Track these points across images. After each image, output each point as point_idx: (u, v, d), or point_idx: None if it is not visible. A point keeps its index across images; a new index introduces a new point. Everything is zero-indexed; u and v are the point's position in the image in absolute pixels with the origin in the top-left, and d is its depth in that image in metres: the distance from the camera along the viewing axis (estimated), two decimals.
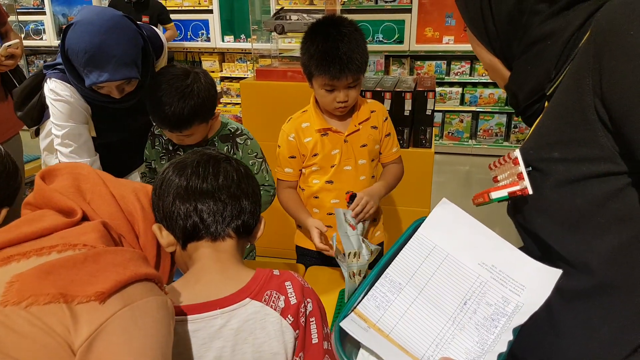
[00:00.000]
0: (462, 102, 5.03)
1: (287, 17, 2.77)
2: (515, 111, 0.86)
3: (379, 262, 0.77)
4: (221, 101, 5.68)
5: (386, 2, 4.87)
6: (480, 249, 0.74)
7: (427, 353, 0.69)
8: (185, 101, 1.44)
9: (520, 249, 0.78)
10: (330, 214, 1.63)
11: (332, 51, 1.42)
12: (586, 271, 0.71)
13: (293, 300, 0.85)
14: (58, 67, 1.62)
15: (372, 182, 1.68)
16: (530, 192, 0.73)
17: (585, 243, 0.70)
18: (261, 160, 1.71)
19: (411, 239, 0.77)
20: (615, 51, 0.61)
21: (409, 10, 4.81)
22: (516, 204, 0.80)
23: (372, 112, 1.65)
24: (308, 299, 0.88)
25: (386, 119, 1.68)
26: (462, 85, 5.04)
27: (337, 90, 1.49)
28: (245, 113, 2.89)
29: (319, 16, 2.81)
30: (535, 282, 0.71)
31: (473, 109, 5.01)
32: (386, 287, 0.74)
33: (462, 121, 5.09)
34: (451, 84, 5.05)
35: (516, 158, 0.76)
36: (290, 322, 0.84)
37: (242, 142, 1.68)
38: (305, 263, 1.75)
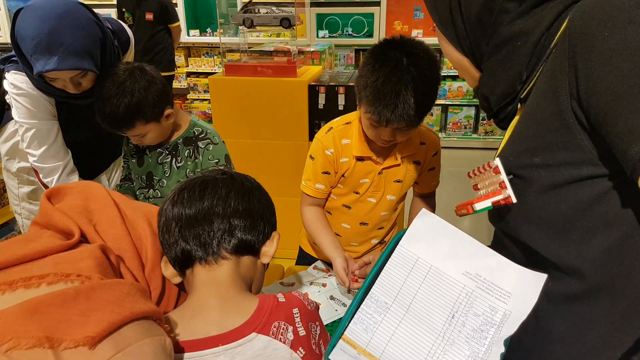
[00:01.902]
0: None
1: (256, 11, 2.70)
2: (488, 115, 0.84)
3: (364, 282, 0.75)
4: (188, 97, 5.56)
5: None
6: (462, 258, 0.73)
7: None
8: (119, 99, 1.37)
9: (504, 254, 0.76)
10: (337, 235, 1.51)
11: (390, 94, 1.15)
12: (576, 276, 0.70)
13: (302, 332, 0.78)
14: (13, 58, 1.52)
15: (393, 216, 1.53)
16: (514, 200, 0.71)
17: (574, 248, 0.69)
18: (223, 167, 1.60)
19: (393, 254, 0.75)
20: (591, 53, 0.59)
21: (378, 4, 4.80)
22: (499, 212, 0.78)
23: (422, 144, 1.42)
24: (316, 322, 0.82)
25: (435, 154, 1.46)
26: None
27: (383, 129, 1.24)
28: (215, 110, 2.82)
29: (289, 9, 2.77)
30: (521, 288, 0.69)
31: (442, 102, 5.06)
32: (372, 307, 0.72)
33: (431, 114, 5.13)
34: None
35: (497, 167, 0.73)
36: (301, 355, 0.77)
37: (203, 147, 1.58)
38: (305, 265, 1.66)
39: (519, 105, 0.76)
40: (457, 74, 4.98)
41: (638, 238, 0.64)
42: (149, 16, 4.43)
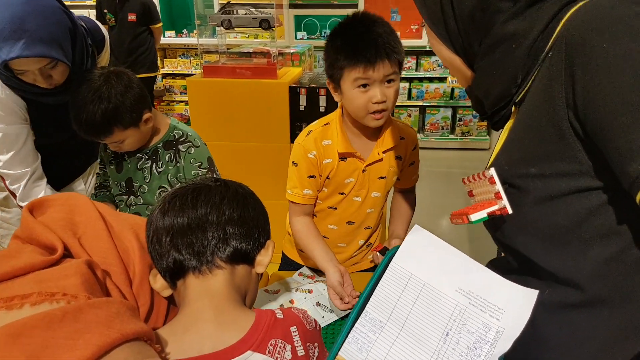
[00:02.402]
0: (409, 97, 5.09)
1: (235, 12, 2.67)
2: (481, 117, 0.83)
3: (359, 299, 0.74)
4: (164, 99, 5.47)
5: None
6: (455, 274, 0.73)
7: None
8: (95, 106, 1.33)
9: (501, 259, 0.75)
10: (324, 237, 1.49)
11: (366, 35, 1.21)
12: (574, 286, 0.69)
13: (300, 351, 0.75)
14: None
15: (377, 214, 1.52)
16: (510, 211, 0.70)
17: (571, 259, 0.68)
18: (206, 170, 1.56)
19: (387, 271, 0.74)
20: (589, 65, 0.58)
21: (356, 6, 4.81)
22: (495, 222, 0.77)
23: (401, 139, 1.42)
24: (315, 344, 0.79)
25: (415, 148, 1.48)
26: (409, 80, 5.09)
27: (372, 86, 1.24)
28: (192, 111, 2.78)
29: (270, 11, 2.74)
30: (513, 305, 0.69)
31: (420, 103, 5.10)
32: (367, 326, 0.71)
33: (410, 115, 5.17)
34: None
35: (492, 177, 0.73)
36: None
37: (184, 150, 1.54)
38: (289, 270, 1.63)
39: (513, 109, 0.75)
40: (434, 75, 5.03)
41: (635, 251, 0.64)
42: (132, 17, 4.35)
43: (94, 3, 4.57)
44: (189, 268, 0.77)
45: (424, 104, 5.10)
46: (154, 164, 1.55)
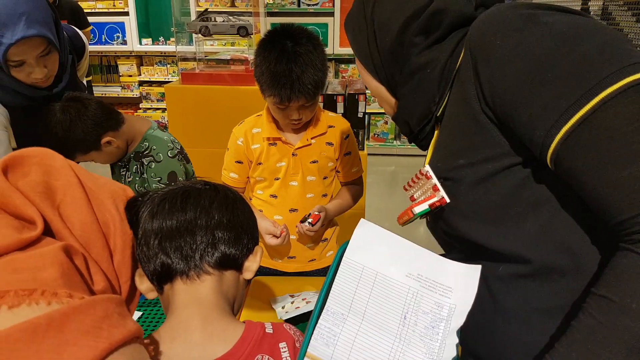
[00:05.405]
0: None
1: (213, 19, 2.69)
2: (409, 138, 0.93)
3: (319, 296, 0.77)
4: (140, 106, 5.44)
5: (309, 5, 4.90)
6: (404, 261, 0.76)
7: None
8: (47, 140, 1.39)
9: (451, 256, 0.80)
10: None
11: (284, 73, 1.31)
12: (521, 261, 0.75)
13: None
14: None
15: (322, 201, 1.59)
16: (448, 200, 0.79)
17: (511, 233, 0.75)
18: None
19: (340, 266, 0.77)
20: (488, 60, 0.69)
21: (332, 14, 4.87)
22: (437, 216, 0.85)
23: (329, 127, 1.55)
24: None
25: (347, 137, 1.59)
26: None
27: (289, 109, 1.40)
28: (171, 118, 2.78)
29: (247, 19, 2.77)
30: (460, 282, 0.73)
31: None
32: (330, 321, 0.73)
33: (386, 123, 5.22)
34: None
35: (427, 172, 0.82)
36: None
37: (146, 164, 1.56)
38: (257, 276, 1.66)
39: (435, 126, 0.86)
40: None
41: (565, 213, 0.71)
42: (63, 23, 4.33)
43: None
44: (176, 272, 0.75)
45: None
46: (127, 172, 1.57)
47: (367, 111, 5.06)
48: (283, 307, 1.41)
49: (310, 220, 1.47)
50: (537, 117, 0.64)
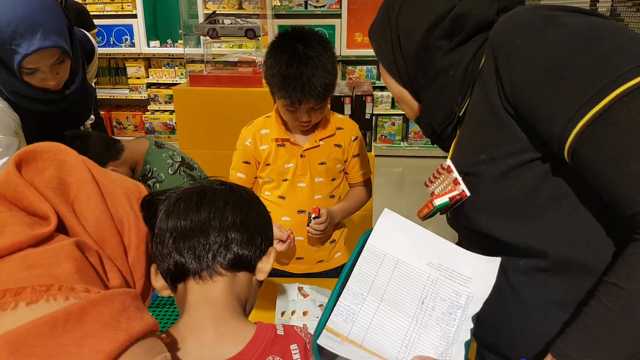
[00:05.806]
0: (393, 106, 5.15)
1: (220, 21, 2.70)
2: (432, 139, 0.96)
3: (340, 277, 0.78)
4: (148, 108, 5.47)
5: (316, 7, 4.91)
6: (425, 251, 0.79)
7: (399, 355, 0.72)
8: None
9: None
10: None
11: (295, 76, 1.32)
12: (540, 255, 0.77)
13: None
14: None
15: (330, 203, 1.59)
16: (468, 194, 0.81)
17: (530, 228, 0.77)
18: None
19: (363, 251, 0.80)
20: (508, 58, 0.72)
21: (339, 16, 4.88)
22: (457, 211, 0.86)
23: (338, 129, 1.56)
24: None
25: (356, 139, 1.59)
26: None
27: (299, 111, 1.41)
28: (179, 120, 2.80)
29: (255, 21, 2.78)
30: (479, 273, 0.76)
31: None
32: (349, 300, 0.76)
33: (393, 124, 5.22)
34: (382, 88, 5.15)
35: (449, 166, 0.84)
36: None
37: (152, 186, 1.61)
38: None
39: (457, 127, 0.88)
40: None
41: (584, 208, 0.73)
42: None
43: None
44: (189, 272, 0.75)
45: None
46: None
47: (374, 112, 5.11)
48: (282, 314, 1.41)
49: (313, 215, 1.47)
50: (555, 113, 0.67)
